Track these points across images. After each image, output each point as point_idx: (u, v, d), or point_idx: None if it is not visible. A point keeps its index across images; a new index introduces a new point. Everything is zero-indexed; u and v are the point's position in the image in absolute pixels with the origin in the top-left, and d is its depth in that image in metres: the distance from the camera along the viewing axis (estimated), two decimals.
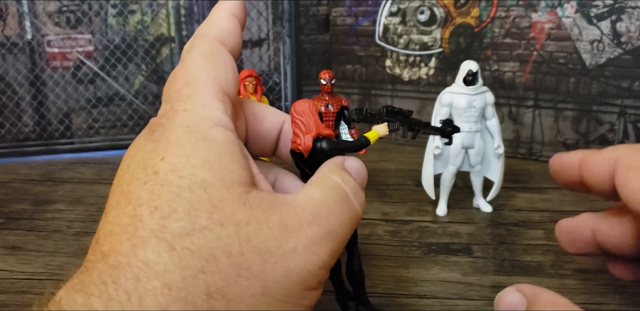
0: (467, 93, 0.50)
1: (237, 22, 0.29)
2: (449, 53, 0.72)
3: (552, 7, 0.65)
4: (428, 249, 0.46)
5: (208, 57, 0.27)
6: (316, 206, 0.24)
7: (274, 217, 0.23)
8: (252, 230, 0.22)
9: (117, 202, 0.23)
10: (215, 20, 0.28)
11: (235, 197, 0.23)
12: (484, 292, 0.39)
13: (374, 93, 0.78)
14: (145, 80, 0.77)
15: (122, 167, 0.25)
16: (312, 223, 0.24)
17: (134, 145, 0.26)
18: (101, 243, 0.22)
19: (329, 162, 0.28)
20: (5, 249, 0.47)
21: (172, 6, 0.76)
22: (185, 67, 0.26)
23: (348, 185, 0.27)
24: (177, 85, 0.26)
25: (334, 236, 0.24)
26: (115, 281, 0.20)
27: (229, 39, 0.28)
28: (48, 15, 0.73)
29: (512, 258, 0.44)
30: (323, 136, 0.29)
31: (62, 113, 0.75)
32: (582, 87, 0.65)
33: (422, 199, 0.55)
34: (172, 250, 0.21)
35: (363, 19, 0.77)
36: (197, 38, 0.28)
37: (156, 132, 0.25)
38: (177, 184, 0.22)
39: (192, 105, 0.25)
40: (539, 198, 0.56)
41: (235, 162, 0.24)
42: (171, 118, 0.25)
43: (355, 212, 0.26)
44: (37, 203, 0.57)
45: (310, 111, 0.28)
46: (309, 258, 0.23)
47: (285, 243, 0.23)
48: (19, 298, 0.39)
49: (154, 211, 0.22)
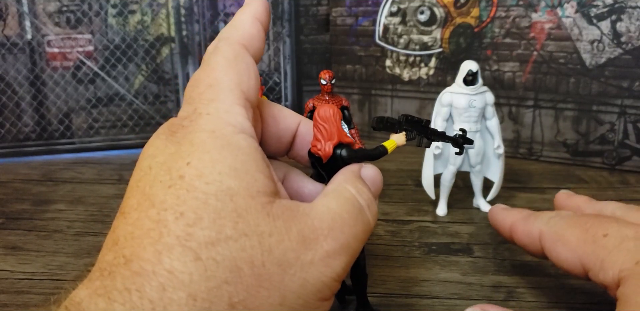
0: (467, 93, 0.50)
1: (260, 26, 0.29)
2: (449, 53, 0.72)
3: (552, 7, 0.65)
4: (428, 249, 0.46)
5: (231, 61, 0.27)
6: (332, 218, 0.25)
7: (294, 228, 0.23)
8: (274, 242, 0.23)
9: (139, 204, 0.23)
10: (239, 23, 0.29)
11: (260, 207, 0.23)
12: (484, 292, 0.39)
13: (374, 93, 0.78)
14: (145, 80, 0.77)
15: (141, 166, 0.25)
16: (327, 236, 0.24)
17: (152, 144, 0.26)
18: (122, 245, 0.22)
19: (345, 170, 0.29)
20: (5, 249, 0.47)
21: (172, 6, 0.76)
22: (209, 70, 0.27)
23: (362, 196, 0.27)
24: (201, 87, 0.26)
25: (347, 250, 0.25)
26: (139, 289, 0.20)
27: (252, 43, 0.28)
28: (48, 15, 0.73)
29: (512, 258, 0.44)
30: (344, 143, 0.29)
31: (62, 113, 0.75)
32: (582, 87, 0.65)
33: (422, 199, 0.55)
34: (198, 260, 0.21)
35: (363, 19, 0.77)
36: (221, 41, 0.28)
37: (178, 134, 0.25)
38: (203, 190, 0.22)
39: (215, 110, 0.25)
40: (539, 198, 0.56)
41: (259, 170, 0.24)
42: (194, 121, 0.25)
43: (369, 224, 0.27)
44: (37, 203, 0.57)
45: (334, 118, 0.29)
46: (324, 270, 0.24)
47: (303, 255, 0.23)
48: (19, 298, 0.39)
49: (179, 217, 0.22)
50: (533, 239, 0.34)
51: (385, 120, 0.32)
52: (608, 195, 0.57)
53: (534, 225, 0.34)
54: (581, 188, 0.59)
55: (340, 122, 0.29)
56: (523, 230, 0.35)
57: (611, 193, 0.58)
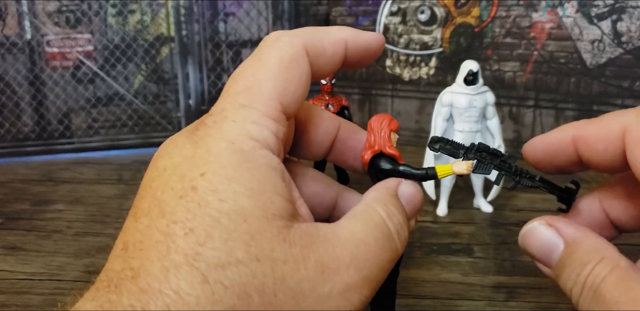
0: (467, 93, 0.50)
1: (341, 51, 0.26)
2: (449, 53, 0.72)
3: (553, 6, 0.65)
4: (429, 249, 0.46)
5: (285, 64, 0.24)
6: (356, 245, 0.23)
7: (313, 256, 0.22)
8: (288, 270, 0.21)
9: (150, 210, 0.22)
10: (321, 31, 0.26)
11: (275, 230, 0.22)
12: (484, 292, 0.39)
13: (374, 93, 0.78)
14: (144, 80, 0.77)
15: (157, 165, 0.23)
16: (350, 266, 0.22)
17: (173, 140, 0.24)
18: (130, 253, 0.21)
19: (380, 185, 0.27)
20: (5, 249, 0.47)
21: (171, 6, 0.75)
22: (257, 67, 0.24)
23: (393, 221, 0.25)
24: (239, 85, 0.24)
25: (369, 282, 0.23)
26: (144, 307, 0.20)
27: (318, 58, 0.25)
28: (47, 15, 0.73)
29: (512, 258, 0.44)
30: (386, 154, 0.28)
31: (62, 113, 0.75)
32: (583, 87, 0.65)
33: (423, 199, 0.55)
34: (205, 283, 0.20)
35: (363, 18, 0.77)
36: (286, 36, 0.25)
37: (199, 133, 0.23)
38: (216, 208, 0.21)
39: (243, 119, 0.23)
40: (540, 198, 0.56)
41: (277, 192, 0.23)
42: (218, 123, 0.23)
43: (397, 252, 0.25)
44: (36, 203, 0.57)
45: (381, 126, 0.28)
46: (342, 304, 0.22)
47: (320, 287, 0.22)
48: (19, 298, 0.39)
49: (189, 233, 0.21)
50: (614, 140, 0.26)
51: (445, 141, 0.28)
52: None
53: (613, 123, 0.27)
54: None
55: (389, 131, 0.28)
56: (597, 134, 0.27)
57: None
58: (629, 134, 0.25)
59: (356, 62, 0.27)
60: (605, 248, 0.24)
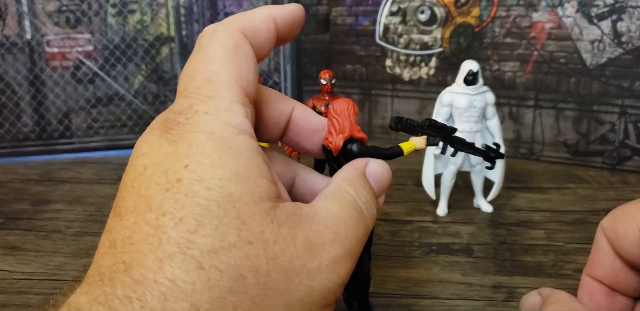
0: (467, 93, 0.50)
1: (272, 27, 0.27)
2: (449, 53, 0.72)
3: (553, 6, 0.65)
4: (428, 249, 0.46)
5: (230, 52, 0.25)
6: (336, 222, 0.24)
7: (300, 234, 0.23)
8: (279, 249, 0.22)
9: (135, 206, 0.22)
10: (249, 14, 0.27)
11: (264, 213, 0.22)
12: (484, 292, 0.39)
13: (374, 93, 0.78)
14: (144, 80, 0.77)
15: (135, 165, 0.24)
16: (334, 241, 0.24)
17: (146, 141, 0.24)
18: (120, 249, 0.21)
19: (349, 166, 0.28)
20: (4, 249, 0.47)
21: (171, 6, 0.75)
22: (207, 60, 0.25)
23: (361, 199, 0.27)
24: (197, 80, 0.25)
25: (351, 254, 0.25)
26: (140, 298, 0.20)
27: (255, 36, 0.26)
28: (47, 15, 0.73)
29: (512, 258, 0.44)
30: (356, 138, 0.29)
31: (62, 113, 0.75)
32: (583, 87, 0.65)
33: (423, 199, 0.55)
34: (201, 269, 0.20)
35: (363, 18, 0.77)
36: (220, 25, 0.26)
37: (173, 131, 0.24)
38: (203, 196, 0.22)
39: (215, 109, 0.24)
40: (540, 198, 0.56)
41: (261, 174, 0.23)
42: (191, 118, 0.24)
43: (368, 226, 0.26)
44: (36, 203, 0.57)
45: (348, 112, 0.28)
46: (331, 276, 0.23)
47: (309, 263, 0.23)
48: (18, 298, 0.39)
49: (179, 223, 0.21)
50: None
51: (405, 121, 0.30)
52: (608, 195, 0.57)
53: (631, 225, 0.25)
54: (582, 188, 0.59)
55: (354, 116, 0.29)
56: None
57: (612, 193, 0.57)
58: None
59: (287, 33, 0.28)
60: (565, 298, 0.27)
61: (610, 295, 0.27)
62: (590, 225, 0.49)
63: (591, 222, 0.50)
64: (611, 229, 0.26)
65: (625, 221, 0.26)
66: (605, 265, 0.27)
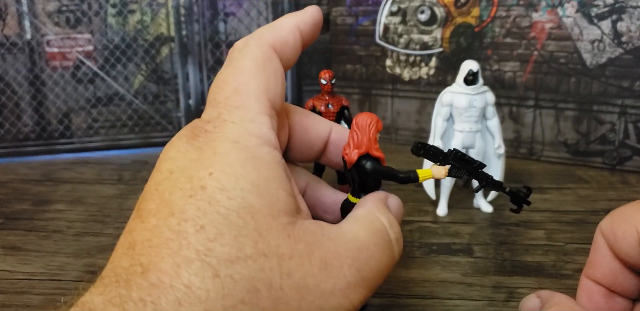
0: (467, 93, 0.50)
1: (298, 35, 0.28)
2: (449, 53, 0.72)
3: (553, 6, 0.65)
4: (429, 249, 0.46)
5: (260, 65, 0.26)
6: (358, 247, 0.24)
7: (317, 253, 0.23)
8: (294, 265, 0.22)
9: (157, 210, 0.23)
10: (277, 27, 0.28)
11: (281, 227, 0.23)
12: (484, 292, 0.39)
13: (374, 93, 0.78)
14: (144, 80, 0.77)
15: (161, 169, 0.24)
16: (351, 266, 0.24)
17: (174, 146, 0.25)
18: (139, 251, 0.22)
19: (374, 196, 0.28)
20: (5, 249, 0.47)
21: (171, 6, 0.75)
22: (237, 73, 0.26)
23: (394, 229, 0.26)
24: (227, 91, 0.25)
25: (368, 283, 0.24)
26: (155, 301, 0.20)
27: (284, 50, 0.27)
28: (47, 15, 0.73)
29: (512, 258, 0.44)
30: (372, 156, 0.29)
31: (62, 113, 0.75)
32: (583, 87, 0.65)
33: (423, 199, 0.55)
34: (217, 277, 0.21)
35: (363, 18, 0.77)
36: (251, 40, 0.27)
37: (200, 138, 0.24)
38: (225, 205, 0.22)
39: (240, 118, 0.24)
40: (540, 198, 0.56)
41: (282, 187, 0.24)
42: (218, 127, 0.24)
43: (394, 259, 0.26)
44: (37, 203, 0.57)
45: (369, 128, 0.28)
46: (342, 301, 0.23)
47: (323, 283, 0.23)
48: (19, 298, 0.39)
49: (200, 230, 0.21)
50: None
51: (428, 147, 0.29)
52: (609, 195, 0.57)
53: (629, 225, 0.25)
54: (582, 188, 0.59)
55: (375, 133, 0.29)
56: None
57: (612, 193, 0.58)
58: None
59: (310, 39, 0.29)
60: (564, 301, 0.27)
61: (609, 296, 0.27)
62: (591, 225, 0.49)
63: (591, 222, 0.50)
64: (610, 231, 0.26)
65: (623, 223, 0.26)
66: (603, 266, 0.27)
